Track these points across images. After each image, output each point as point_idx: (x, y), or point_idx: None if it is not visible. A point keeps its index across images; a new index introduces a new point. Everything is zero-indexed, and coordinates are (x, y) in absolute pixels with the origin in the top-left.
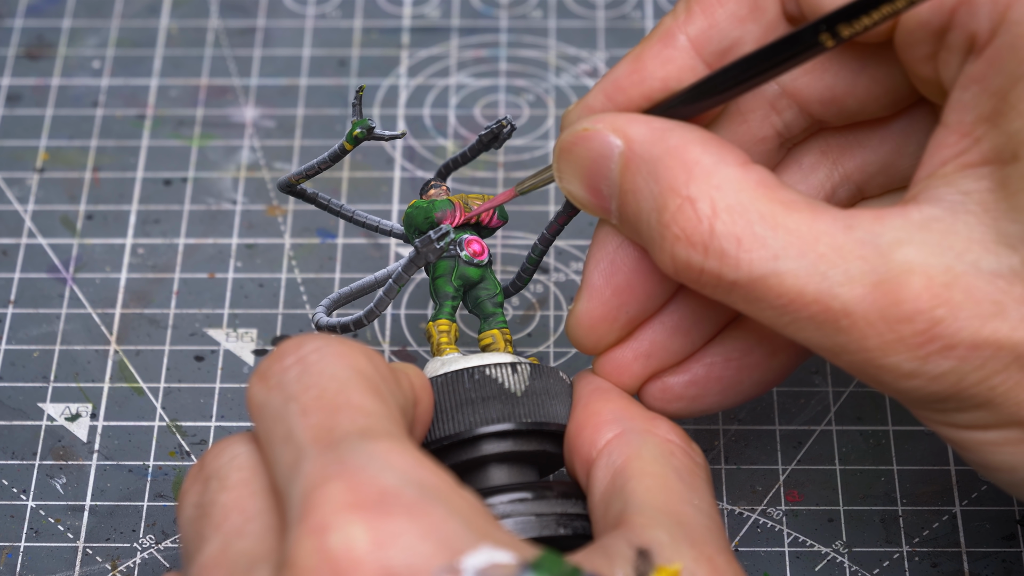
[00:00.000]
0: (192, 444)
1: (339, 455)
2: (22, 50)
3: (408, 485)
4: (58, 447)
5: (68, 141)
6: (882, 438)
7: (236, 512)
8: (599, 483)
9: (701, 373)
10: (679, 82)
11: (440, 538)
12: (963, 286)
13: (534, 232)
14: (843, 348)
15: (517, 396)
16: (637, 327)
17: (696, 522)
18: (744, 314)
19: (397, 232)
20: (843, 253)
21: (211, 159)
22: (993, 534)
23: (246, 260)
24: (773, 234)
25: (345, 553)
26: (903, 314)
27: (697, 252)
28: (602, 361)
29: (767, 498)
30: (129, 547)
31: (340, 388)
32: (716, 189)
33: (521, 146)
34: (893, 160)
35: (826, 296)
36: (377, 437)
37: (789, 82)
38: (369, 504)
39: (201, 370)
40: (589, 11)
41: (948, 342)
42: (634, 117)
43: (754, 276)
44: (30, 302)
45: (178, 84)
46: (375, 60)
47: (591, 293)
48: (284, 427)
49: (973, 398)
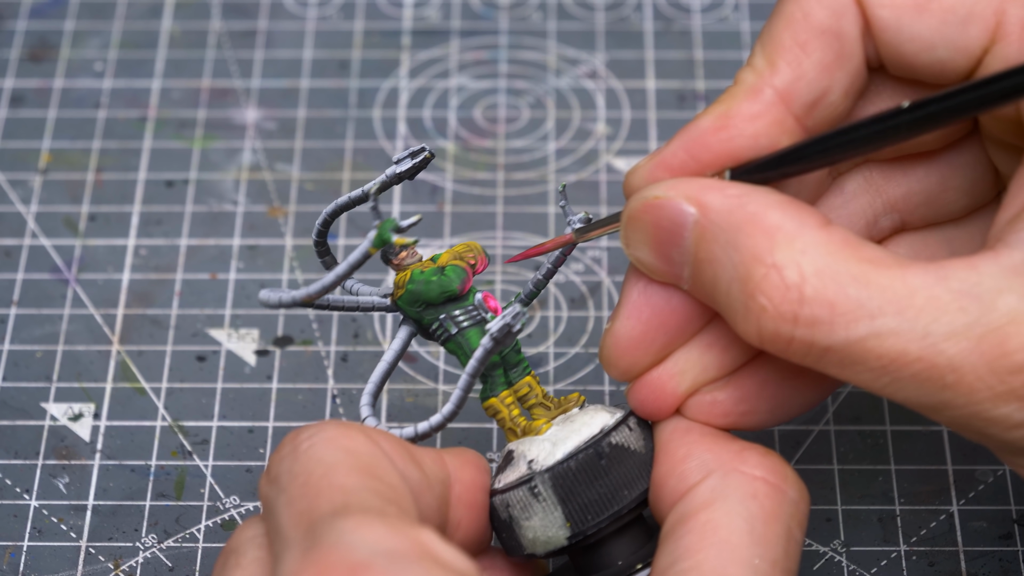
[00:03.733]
0: (194, 444)
1: (314, 538)
2: (25, 52)
3: (377, 556)
4: (61, 447)
5: (71, 142)
6: (880, 438)
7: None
8: (666, 526)
9: (753, 390)
10: (769, 138)
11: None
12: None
13: (533, 231)
14: (948, 404)
15: (643, 454)
16: (672, 351)
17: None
18: (836, 378)
19: (380, 306)
20: (942, 306)
21: (213, 160)
22: (990, 533)
23: (248, 261)
24: (868, 294)
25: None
26: (1013, 365)
27: (787, 322)
28: (637, 386)
29: None
30: (131, 546)
31: (325, 472)
32: (802, 254)
33: (521, 147)
34: (938, 193)
35: (930, 353)
36: (349, 513)
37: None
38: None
39: (203, 370)
40: (589, 13)
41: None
42: (707, 183)
43: (851, 340)
44: (33, 303)
45: (180, 86)
46: (376, 62)
47: (630, 311)
48: (275, 519)
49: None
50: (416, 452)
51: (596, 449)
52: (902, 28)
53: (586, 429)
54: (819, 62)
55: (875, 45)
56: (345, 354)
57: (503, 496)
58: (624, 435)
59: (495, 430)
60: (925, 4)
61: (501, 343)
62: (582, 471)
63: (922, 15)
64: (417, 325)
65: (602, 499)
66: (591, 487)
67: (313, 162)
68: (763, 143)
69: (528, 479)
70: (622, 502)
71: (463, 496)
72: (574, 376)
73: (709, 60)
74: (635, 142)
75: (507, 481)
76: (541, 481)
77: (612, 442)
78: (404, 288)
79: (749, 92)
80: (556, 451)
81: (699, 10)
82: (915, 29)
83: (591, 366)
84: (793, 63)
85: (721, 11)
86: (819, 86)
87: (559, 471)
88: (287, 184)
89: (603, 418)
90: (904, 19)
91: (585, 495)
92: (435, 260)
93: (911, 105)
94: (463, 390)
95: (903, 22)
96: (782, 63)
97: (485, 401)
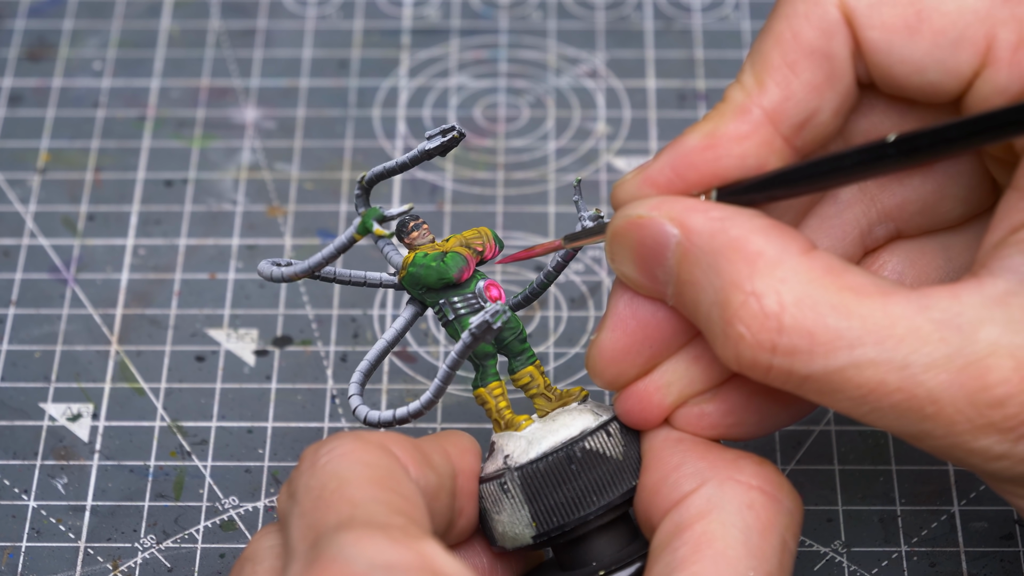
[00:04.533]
0: (193, 444)
1: (317, 551)
2: (24, 51)
3: (375, 569)
4: (59, 447)
5: (69, 142)
6: (881, 438)
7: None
8: (659, 535)
9: (740, 402)
10: (756, 158)
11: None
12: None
13: (532, 231)
14: (928, 434)
15: (620, 460)
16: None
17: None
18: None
19: (388, 283)
20: (922, 336)
21: (212, 160)
22: (991, 534)
23: (247, 260)
24: (847, 324)
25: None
26: (993, 399)
27: (764, 351)
28: (624, 396)
29: None
30: (130, 547)
31: (338, 486)
32: (782, 282)
33: (521, 147)
34: (934, 201)
35: (910, 384)
36: (352, 526)
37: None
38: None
39: (202, 370)
40: (589, 12)
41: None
42: (692, 204)
43: (830, 370)
44: (31, 303)
45: (179, 85)
46: (375, 61)
47: (615, 323)
48: (288, 531)
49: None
50: (427, 453)
51: (567, 452)
52: (892, 50)
53: (564, 431)
54: (808, 82)
55: (866, 65)
56: (344, 354)
57: (480, 487)
58: (600, 441)
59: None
60: (916, 26)
61: (480, 338)
62: (550, 473)
63: (913, 37)
64: (423, 305)
65: (568, 503)
66: (558, 490)
67: (312, 161)
68: (750, 163)
69: (500, 474)
70: (589, 508)
71: (464, 485)
72: (574, 376)
73: (710, 59)
74: (635, 141)
75: (486, 472)
76: (511, 478)
77: (586, 447)
78: (406, 270)
79: (737, 112)
80: (530, 450)
81: (699, 9)
82: (906, 51)
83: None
84: (782, 83)
85: (722, 10)
86: (808, 106)
87: (528, 471)
88: (286, 184)
89: (585, 420)
90: (895, 41)
91: (552, 497)
92: (447, 242)
93: (897, 139)
94: (442, 380)
95: (894, 44)
96: (771, 83)
97: (475, 390)
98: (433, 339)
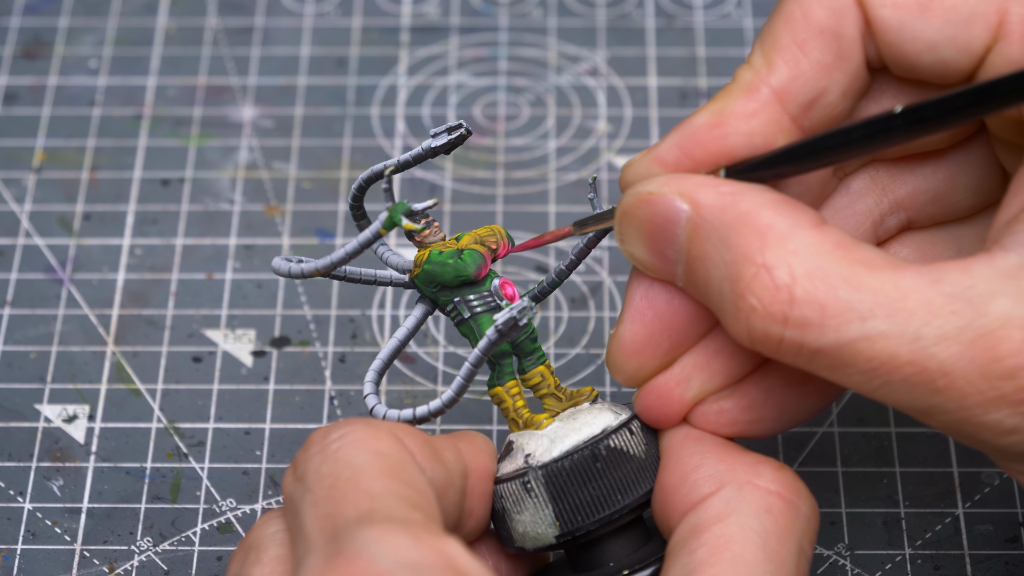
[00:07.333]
0: (190, 446)
1: (338, 545)
2: (19, 49)
3: (401, 567)
4: (55, 449)
5: (65, 141)
6: (884, 440)
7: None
8: (677, 536)
9: (759, 398)
10: (764, 136)
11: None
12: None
13: (531, 230)
14: (938, 408)
15: (643, 459)
16: (678, 355)
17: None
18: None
19: (398, 281)
20: (934, 309)
21: (209, 159)
22: (996, 537)
23: (244, 260)
24: (859, 296)
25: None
26: (1005, 370)
27: (776, 323)
28: (644, 392)
29: None
30: (127, 549)
31: (352, 475)
32: (793, 255)
33: (521, 146)
34: (945, 191)
35: (921, 356)
36: (374, 522)
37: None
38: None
39: (199, 371)
40: (589, 10)
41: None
42: (701, 180)
43: (841, 342)
44: (27, 303)
45: (176, 83)
46: (374, 59)
47: (633, 315)
48: (299, 519)
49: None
50: (438, 448)
51: (593, 451)
52: (904, 28)
53: (586, 429)
54: (817, 62)
55: (877, 45)
56: (343, 355)
57: (498, 487)
58: (624, 439)
59: (495, 431)
60: (927, 4)
61: (505, 336)
62: (576, 471)
63: (924, 15)
64: (433, 304)
65: (594, 501)
66: (583, 489)
67: (310, 160)
68: (758, 142)
69: (522, 473)
70: (614, 506)
71: (476, 486)
72: (575, 377)
73: (711, 57)
74: (636, 140)
75: (503, 472)
76: (534, 477)
77: (610, 445)
78: (420, 267)
79: (745, 90)
80: (553, 448)
81: (701, 6)
82: (917, 29)
83: (592, 367)
84: (791, 62)
85: (723, 7)
86: (816, 86)
87: (553, 469)
88: (284, 183)
89: (606, 419)
90: (906, 19)
91: (577, 496)
92: (459, 240)
93: (904, 110)
94: (464, 378)
95: (905, 22)
96: (780, 62)
97: (491, 389)
98: (432, 340)
